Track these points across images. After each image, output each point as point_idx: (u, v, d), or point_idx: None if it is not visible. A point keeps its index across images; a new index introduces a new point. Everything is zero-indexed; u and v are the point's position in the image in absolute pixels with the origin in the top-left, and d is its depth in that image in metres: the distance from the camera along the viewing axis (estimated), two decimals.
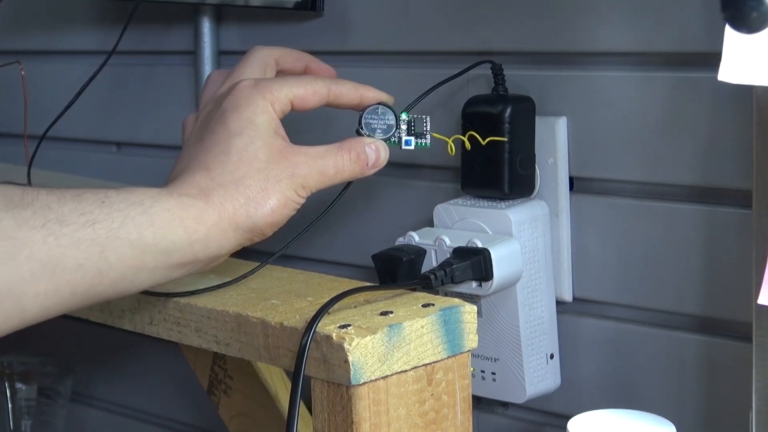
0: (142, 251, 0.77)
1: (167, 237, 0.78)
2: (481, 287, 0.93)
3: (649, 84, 0.92)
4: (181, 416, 1.35)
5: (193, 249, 0.79)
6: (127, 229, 0.77)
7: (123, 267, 0.77)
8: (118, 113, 1.33)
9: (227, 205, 0.80)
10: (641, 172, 0.93)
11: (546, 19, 0.96)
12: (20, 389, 1.37)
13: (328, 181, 0.85)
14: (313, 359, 0.78)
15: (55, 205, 0.75)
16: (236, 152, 0.82)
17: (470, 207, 0.96)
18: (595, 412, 0.84)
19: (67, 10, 1.36)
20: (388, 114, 0.89)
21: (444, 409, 0.82)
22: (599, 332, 0.97)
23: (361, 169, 0.86)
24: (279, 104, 0.84)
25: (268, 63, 0.92)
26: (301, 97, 0.86)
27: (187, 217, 0.79)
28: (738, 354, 0.88)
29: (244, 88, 0.85)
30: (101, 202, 0.77)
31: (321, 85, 0.87)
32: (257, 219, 0.81)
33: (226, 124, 0.83)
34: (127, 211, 0.77)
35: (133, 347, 1.35)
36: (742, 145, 0.86)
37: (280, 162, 0.83)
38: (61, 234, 0.75)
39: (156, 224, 0.78)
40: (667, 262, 0.92)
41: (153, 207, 0.78)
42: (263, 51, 0.92)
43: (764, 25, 0.66)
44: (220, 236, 0.80)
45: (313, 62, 0.95)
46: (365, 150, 0.86)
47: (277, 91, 0.85)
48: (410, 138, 0.89)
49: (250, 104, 0.84)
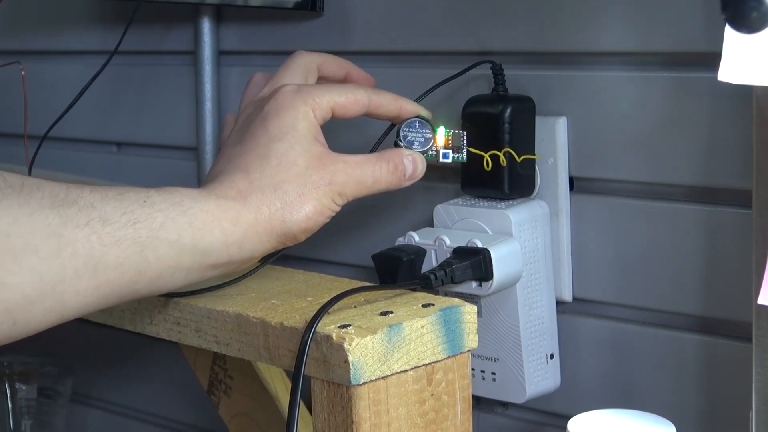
0: (180, 251, 0.78)
1: (205, 238, 0.79)
2: (481, 287, 0.93)
3: (649, 84, 0.92)
4: (181, 416, 1.35)
5: (228, 251, 0.80)
6: (167, 230, 0.78)
7: (161, 266, 0.78)
8: (119, 113, 1.33)
9: (264, 208, 0.81)
10: (641, 172, 0.93)
11: (546, 19, 0.96)
12: (20, 389, 1.37)
13: (365, 190, 0.86)
14: (313, 359, 0.78)
15: (99, 204, 0.76)
16: (276, 157, 0.83)
17: (470, 207, 0.96)
18: (595, 412, 0.84)
19: (67, 10, 1.36)
20: (425, 127, 0.90)
21: (444, 409, 0.82)
22: (599, 332, 0.97)
23: (399, 180, 0.87)
24: (320, 111, 0.85)
25: (310, 68, 0.93)
26: (342, 105, 0.86)
27: (224, 218, 0.80)
28: (738, 354, 0.88)
29: (287, 93, 0.85)
30: (143, 202, 0.78)
31: (362, 95, 0.87)
32: (292, 224, 0.82)
33: (267, 129, 0.84)
34: (167, 211, 0.78)
35: (133, 347, 1.35)
36: (742, 145, 0.86)
37: (319, 169, 0.83)
38: (103, 233, 0.75)
39: (195, 225, 0.79)
40: (667, 262, 0.92)
41: (192, 208, 0.79)
42: (306, 56, 0.93)
43: (764, 25, 0.66)
44: (255, 239, 0.81)
45: (353, 69, 0.96)
46: (403, 161, 0.87)
47: (319, 97, 0.85)
48: (448, 152, 0.91)
49: (292, 109, 0.84)
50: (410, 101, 0.90)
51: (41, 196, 0.75)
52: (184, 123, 1.24)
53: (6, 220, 0.73)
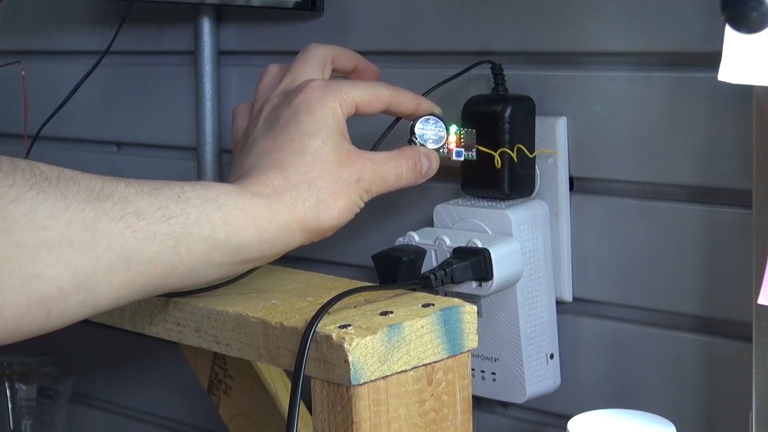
0: (212, 247, 0.79)
1: (238, 235, 0.79)
2: (481, 287, 0.92)
3: (649, 84, 0.92)
4: (181, 416, 1.35)
5: (261, 247, 0.81)
6: (201, 226, 0.78)
7: (193, 261, 0.78)
8: (118, 113, 1.33)
9: (299, 206, 0.82)
10: (641, 172, 0.93)
11: (546, 19, 0.96)
12: (20, 389, 1.37)
13: (388, 187, 0.87)
14: (313, 359, 0.78)
15: (133, 198, 0.77)
16: (310, 153, 0.83)
17: (470, 207, 0.96)
18: (595, 412, 0.84)
19: (67, 10, 1.36)
20: (439, 125, 0.91)
21: (444, 409, 0.82)
22: (599, 332, 0.97)
23: (416, 177, 0.89)
24: (347, 107, 0.86)
25: (325, 61, 0.93)
26: (367, 102, 0.88)
27: (259, 216, 0.80)
28: (738, 354, 0.88)
29: (317, 88, 0.86)
30: (177, 197, 0.78)
31: (385, 92, 0.89)
32: (324, 221, 0.83)
33: (300, 124, 0.85)
34: (202, 207, 0.78)
35: (133, 347, 1.35)
36: (742, 145, 0.86)
37: (349, 166, 0.84)
38: (138, 227, 0.76)
39: (229, 222, 0.79)
40: (667, 262, 0.92)
41: (227, 205, 0.79)
42: (320, 49, 0.94)
43: (764, 25, 0.66)
44: (288, 236, 0.82)
45: (362, 62, 0.97)
46: (421, 159, 0.89)
47: (347, 93, 0.86)
48: (461, 150, 0.92)
49: (323, 105, 0.85)
50: (427, 100, 0.92)
51: (77, 190, 0.75)
52: (184, 123, 1.24)
53: (42, 212, 0.73)
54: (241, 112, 0.94)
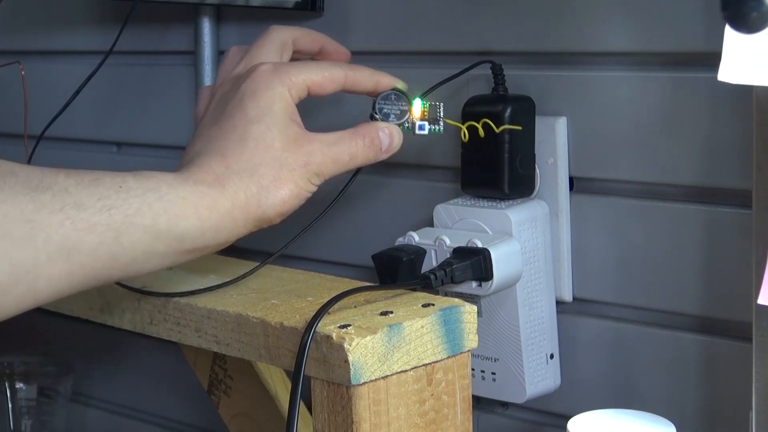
0: (155, 237, 0.78)
1: (181, 225, 0.79)
2: (481, 287, 0.92)
3: (649, 84, 0.92)
4: (181, 416, 1.35)
5: (204, 237, 0.80)
6: (142, 216, 0.77)
7: (135, 252, 0.78)
8: (118, 113, 1.33)
9: (240, 194, 0.81)
10: (641, 172, 0.93)
11: (546, 19, 0.96)
12: (20, 389, 1.37)
13: (342, 168, 0.85)
14: (313, 359, 0.78)
15: (74, 189, 0.76)
16: (253, 139, 0.83)
17: (470, 207, 0.96)
18: (595, 412, 0.84)
19: (67, 10, 1.36)
20: (402, 100, 0.89)
21: (444, 409, 0.82)
22: (599, 332, 0.97)
23: (375, 154, 0.87)
24: (296, 90, 0.85)
25: (285, 43, 0.92)
26: (319, 84, 0.86)
27: (201, 205, 0.80)
28: (738, 354, 0.88)
29: (264, 72, 0.85)
30: (119, 187, 0.78)
31: (338, 72, 0.87)
32: (268, 208, 0.82)
33: (244, 110, 0.84)
34: (143, 197, 0.78)
35: (133, 347, 1.35)
36: (742, 145, 0.86)
37: (295, 150, 0.83)
38: (78, 218, 0.75)
39: (170, 212, 0.78)
40: (667, 262, 0.92)
41: (169, 194, 0.79)
42: (281, 31, 0.93)
43: (764, 25, 0.66)
44: (231, 225, 0.81)
45: (328, 43, 0.96)
46: (379, 135, 0.87)
47: (295, 76, 0.85)
48: (424, 123, 0.90)
49: (269, 90, 0.84)
50: (386, 74, 0.90)
51: (15, 182, 0.75)
52: (184, 123, 1.24)
53: None
54: (204, 95, 0.92)
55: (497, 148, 0.94)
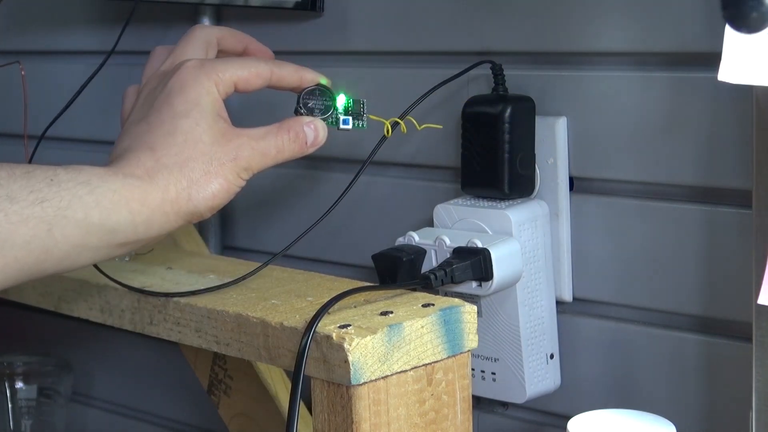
0: (87, 231, 0.78)
1: (112, 218, 0.79)
2: (481, 287, 0.92)
3: (649, 84, 0.92)
4: (181, 416, 1.35)
5: (136, 230, 0.80)
6: (74, 209, 0.77)
7: (68, 245, 0.78)
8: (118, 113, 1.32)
9: (171, 187, 0.81)
10: (641, 172, 0.93)
11: (546, 19, 0.96)
12: (20, 389, 1.37)
13: (270, 161, 0.85)
14: (313, 359, 0.78)
15: (5, 182, 0.76)
16: (181, 133, 0.83)
17: (470, 207, 0.96)
18: (595, 412, 0.84)
19: (67, 10, 1.36)
20: (326, 95, 0.89)
21: (444, 409, 0.82)
22: (599, 332, 0.97)
23: (300, 148, 0.86)
24: (223, 85, 0.85)
25: (210, 42, 0.92)
26: (245, 79, 0.86)
27: (132, 198, 0.80)
28: (738, 354, 0.88)
29: (190, 68, 0.85)
30: (50, 180, 0.78)
31: (264, 68, 0.88)
32: (198, 202, 0.82)
33: (172, 105, 0.84)
34: (74, 190, 0.78)
35: (133, 347, 1.35)
36: (742, 145, 0.86)
37: (224, 145, 0.83)
38: (10, 211, 0.76)
39: (102, 205, 0.78)
40: (667, 262, 0.92)
41: (100, 187, 0.79)
42: (205, 30, 0.93)
43: (764, 25, 0.66)
44: (162, 218, 0.81)
45: (252, 44, 0.96)
46: (303, 129, 0.86)
47: (222, 72, 0.85)
48: (348, 118, 0.90)
49: (196, 85, 0.84)
50: (311, 70, 0.90)
51: None
52: None
53: None
54: (130, 95, 0.92)
55: (497, 148, 0.94)
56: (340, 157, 1.11)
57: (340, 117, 0.89)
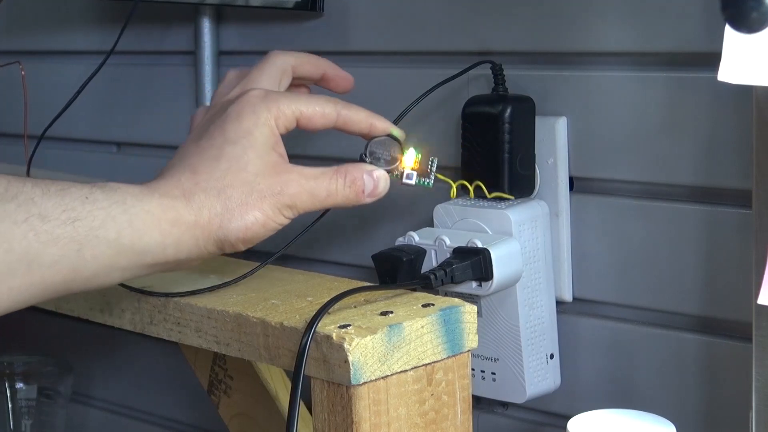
0: (118, 251, 0.77)
1: (144, 239, 0.78)
2: (481, 287, 0.92)
3: (649, 84, 0.92)
4: (181, 416, 1.35)
5: (165, 252, 0.79)
6: (107, 228, 0.77)
7: (97, 265, 0.77)
8: (118, 113, 1.33)
9: (204, 211, 0.80)
10: (641, 172, 0.93)
11: (546, 19, 0.96)
12: (20, 389, 1.37)
13: (318, 204, 0.83)
14: (313, 359, 0.78)
15: (39, 199, 0.76)
16: (227, 160, 0.81)
17: (470, 207, 0.96)
18: (595, 412, 0.84)
19: (67, 10, 1.36)
20: (395, 146, 0.87)
21: (444, 409, 0.82)
22: (599, 332, 0.97)
23: (356, 195, 0.83)
24: (284, 120, 0.83)
25: (285, 71, 0.91)
26: (308, 117, 0.84)
27: (164, 218, 0.79)
28: (738, 354, 0.88)
29: (252, 97, 0.83)
30: (85, 198, 0.77)
31: (330, 108, 0.85)
32: (229, 232, 0.80)
33: (225, 131, 0.82)
34: (109, 209, 0.77)
35: (133, 347, 1.35)
36: (742, 145, 0.86)
37: (270, 177, 0.81)
38: (41, 230, 0.75)
39: (134, 225, 0.78)
40: (667, 262, 0.92)
41: (134, 207, 0.78)
42: (281, 57, 0.91)
43: (764, 25, 0.66)
44: (191, 242, 0.80)
45: (330, 68, 0.94)
46: (363, 177, 0.84)
47: (285, 106, 0.83)
48: (413, 173, 0.87)
49: (253, 115, 0.82)
50: (382, 119, 0.87)
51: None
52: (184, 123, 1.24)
53: None
54: (197, 118, 0.91)
55: (497, 148, 0.94)
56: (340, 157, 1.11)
57: (405, 171, 0.87)
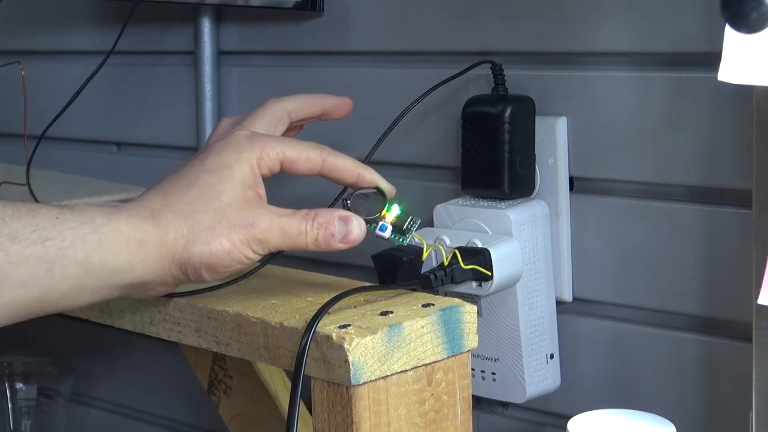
0: (87, 271, 0.77)
1: (112, 258, 0.78)
2: (481, 287, 0.92)
3: (649, 84, 0.92)
4: (181, 416, 1.35)
5: (133, 272, 0.79)
6: (76, 248, 0.77)
7: (67, 285, 0.77)
8: (118, 113, 1.33)
9: (171, 231, 0.79)
10: (641, 172, 0.93)
11: (546, 19, 0.96)
12: (20, 389, 1.37)
13: (289, 242, 0.81)
14: (313, 359, 0.78)
15: (10, 220, 0.76)
16: (200, 186, 0.81)
17: (470, 207, 0.96)
18: (595, 412, 0.84)
19: (67, 10, 1.36)
20: (379, 200, 0.85)
21: (444, 409, 0.82)
22: (599, 332, 0.97)
23: (326, 239, 0.82)
24: (267, 161, 0.83)
25: (281, 117, 0.91)
26: (292, 160, 0.83)
27: (133, 238, 0.78)
28: (738, 354, 0.88)
29: (237, 136, 0.83)
30: (55, 218, 0.77)
31: (316, 154, 0.84)
32: (193, 255, 0.79)
33: (203, 162, 0.82)
34: (78, 229, 0.77)
35: (133, 347, 1.35)
36: (742, 145, 0.86)
37: (242, 210, 0.80)
38: (12, 250, 0.75)
39: (103, 244, 0.78)
40: (667, 262, 0.92)
41: (103, 227, 0.78)
42: (276, 104, 0.92)
43: (764, 25, 0.66)
44: (157, 263, 0.79)
45: (327, 102, 0.94)
46: (335, 221, 0.82)
47: (270, 148, 0.83)
48: (388, 225, 0.85)
49: (235, 152, 0.82)
50: (371, 170, 0.86)
51: None
52: (184, 123, 1.24)
53: None
54: None
55: (497, 148, 0.94)
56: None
57: (380, 222, 0.85)
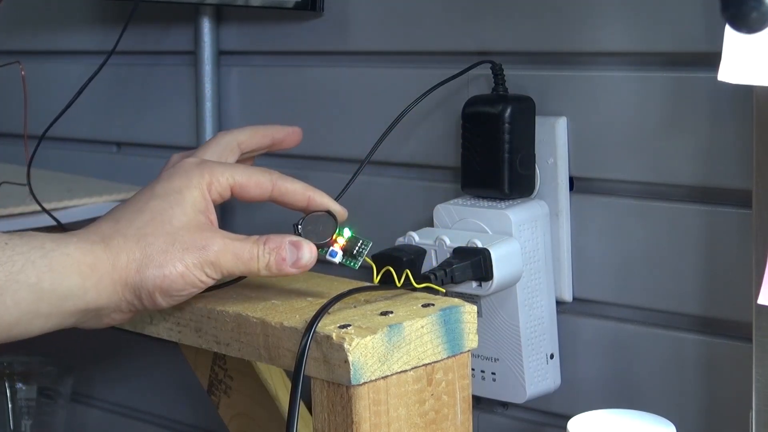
0: (39, 296, 0.77)
1: (64, 283, 0.78)
2: (481, 287, 0.92)
3: (649, 84, 0.92)
4: (181, 416, 1.35)
5: (86, 296, 0.79)
6: (27, 273, 0.77)
7: (19, 311, 0.77)
8: (118, 113, 1.33)
9: (122, 255, 0.79)
10: (641, 172, 0.93)
11: (546, 19, 0.96)
12: (20, 389, 1.37)
13: (242, 266, 0.81)
14: (313, 359, 0.78)
15: None
16: (150, 211, 0.81)
17: (470, 207, 0.96)
18: (595, 412, 0.84)
19: (67, 10, 1.36)
20: (330, 223, 0.85)
21: (444, 409, 0.82)
22: (599, 332, 0.97)
23: (278, 263, 0.82)
24: (217, 186, 0.83)
25: (231, 148, 0.92)
26: (242, 185, 0.84)
27: (83, 262, 0.78)
28: (738, 354, 0.88)
29: (186, 164, 0.84)
30: (4, 244, 0.77)
31: (266, 178, 0.84)
32: (146, 278, 0.79)
33: (153, 189, 0.82)
34: (28, 254, 0.77)
35: (133, 347, 1.35)
36: (742, 145, 0.86)
37: (194, 233, 0.80)
38: None
39: (54, 269, 0.77)
40: (667, 262, 0.92)
41: (54, 251, 0.78)
42: (226, 136, 0.92)
43: (764, 25, 0.66)
44: (110, 287, 0.79)
45: (277, 132, 0.94)
46: (286, 246, 0.82)
47: (220, 174, 0.83)
48: (337, 251, 0.85)
49: (185, 178, 0.82)
50: (322, 193, 0.86)
51: None
52: (184, 123, 1.24)
53: None
54: None
55: (497, 148, 0.94)
56: (339, 157, 1.11)
57: (330, 248, 0.85)
